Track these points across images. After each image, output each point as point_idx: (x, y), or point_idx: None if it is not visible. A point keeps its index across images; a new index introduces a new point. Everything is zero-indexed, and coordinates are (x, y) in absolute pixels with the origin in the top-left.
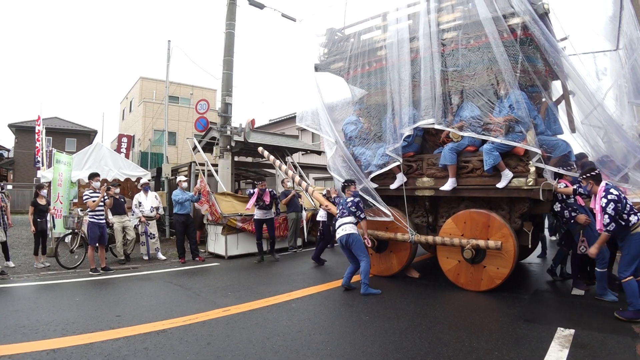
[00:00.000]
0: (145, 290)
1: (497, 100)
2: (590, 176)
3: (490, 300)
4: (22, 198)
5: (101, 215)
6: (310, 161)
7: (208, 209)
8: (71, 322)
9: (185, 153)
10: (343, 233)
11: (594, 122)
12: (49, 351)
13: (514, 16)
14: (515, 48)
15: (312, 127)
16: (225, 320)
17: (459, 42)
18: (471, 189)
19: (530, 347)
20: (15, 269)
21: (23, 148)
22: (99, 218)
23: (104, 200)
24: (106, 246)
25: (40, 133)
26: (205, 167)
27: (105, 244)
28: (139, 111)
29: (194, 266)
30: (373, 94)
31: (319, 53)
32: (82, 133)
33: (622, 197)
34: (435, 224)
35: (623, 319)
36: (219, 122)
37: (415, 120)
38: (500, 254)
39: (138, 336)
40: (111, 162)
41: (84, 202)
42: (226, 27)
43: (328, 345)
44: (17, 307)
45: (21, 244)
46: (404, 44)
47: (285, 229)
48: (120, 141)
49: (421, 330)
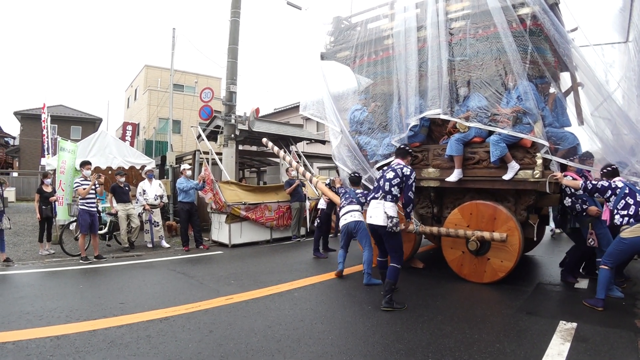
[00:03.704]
0: (149, 278)
1: (504, 91)
2: (607, 172)
3: (493, 292)
4: (27, 186)
5: (92, 202)
6: (314, 150)
7: (212, 197)
8: (75, 309)
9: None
10: (352, 219)
11: (603, 114)
12: (53, 338)
13: (523, 6)
14: (525, 38)
15: (316, 115)
16: (227, 308)
17: (467, 32)
18: (477, 181)
19: (531, 340)
20: (20, 255)
21: (28, 136)
22: (90, 205)
23: (94, 187)
24: (111, 234)
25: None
26: (210, 156)
27: (97, 232)
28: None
29: (198, 254)
30: (379, 83)
31: (325, 42)
32: (87, 121)
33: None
34: (440, 215)
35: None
36: (223, 110)
37: (422, 110)
38: (505, 247)
39: (141, 323)
40: (116, 150)
41: (74, 189)
42: (231, 15)
43: (330, 335)
44: (21, 293)
45: (26, 231)
46: (411, 32)
47: (289, 218)
48: (125, 129)
49: (423, 321)
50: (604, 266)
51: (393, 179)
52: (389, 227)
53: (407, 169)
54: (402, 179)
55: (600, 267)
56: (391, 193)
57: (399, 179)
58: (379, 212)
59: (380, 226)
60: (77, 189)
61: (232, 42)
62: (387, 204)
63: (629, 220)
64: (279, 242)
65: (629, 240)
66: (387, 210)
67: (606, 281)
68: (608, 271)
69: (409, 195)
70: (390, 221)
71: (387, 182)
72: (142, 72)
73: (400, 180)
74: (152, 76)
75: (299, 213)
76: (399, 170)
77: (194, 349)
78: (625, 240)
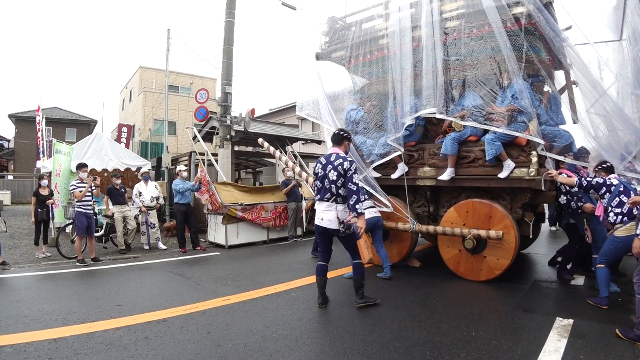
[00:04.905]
0: (146, 280)
1: (499, 90)
2: (602, 168)
3: (489, 290)
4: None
5: (88, 205)
6: (310, 150)
7: (208, 198)
8: (72, 311)
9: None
10: (370, 216)
11: (598, 111)
12: (50, 340)
13: (518, 5)
14: (520, 37)
15: (311, 116)
16: (225, 309)
17: (461, 31)
18: (473, 179)
19: (528, 337)
20: (16, 259)
21: (23, 138)
22: (87, 208)
23: (91, 190)
24: (107, 236)
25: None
26: (206, 157)
27: (93, 234)
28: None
29: (195, 255)
30: (374, 82)
31: (320, 42)
32: (82, 123)
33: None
34: (436, 214)
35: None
36: (218, 111)
37: (417, 110)
38: (501, 245)
39: (139, 325)
40: (111, 152)
41: (71, 192)
42: (226, 15)
43: (327, 334)
44: (18, 297)
45: (22, 234)
46: (406, 32)
47: (286, 218)
48: (120, 131)
49: (420, 319)
50: (601, 265)
51: (337, 181)
52: (342, 233)
53: (346, 163)
54: (344, 175)
55: (597, 266)
56: (340, 195)
57: (343, 178)
58: (331, 216)
59: (333, 230)
60: (73, 192)
61: (227, 43)
62: (339, 207)
63: (622, 219)
64: (276, 242)
65: (623, 239)
66: (339, 214)
67: (606, 279)
68: (605, 269)
69: (349, 187)
70: (343, 226)
71: (333, 184)
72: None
73: (343, 178)
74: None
75: (295, 213)
76: (340, 168)
77: (193, 350)
78: (618, 239)
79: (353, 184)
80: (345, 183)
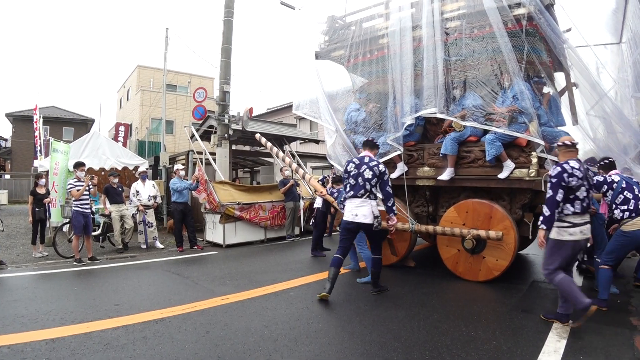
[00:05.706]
0: (144, 279)
1: (500, 91)
2: (601, 165)
3: (488, 290)
4: (19, 188)
5: (86, 204)
6: (308, 150)
7: (206, 197)
8: (70, 311)
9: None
10: None
11: (598, 113)
12: (48, 341)
13: (519, 6)
14: (520, 38)
15: (309, 115)
16: (223, 308)
17: (462, 32)
18: (472, 179)
19: (527, 338)
20: (13, 258)
21: (20, 137)
22: (84, 207)
23: (88, 189)
24: (104, 235)
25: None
26: (203, 156)
27: (90, 233)
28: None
29: (192, 255)
30: (374, 82)
31: (319, 41)
32: (80, 122)
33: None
34: (435, 214)
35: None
36: (216, 110)
37: (417, 110)
38: (500, 246)
39: (137, 325)
40: (109, 151)
41: (68, 191)
42: (224, 14)
43: (326, 334)
44: (15, 296)
45: (19, 233)
46: (407, 32)
47: (283, 217)
48: (118, 130)
49: (419, 319)
50: (605, 266)
51: (372, 179)
52: (375, 227)
53: (382, 166)
54: (380, 177)
55: (600, 267)
56: (372, 192)
57: (377, 178)
58: (366, 211)
59: (367, 224)
60: (70, 191)
61: (225, 42)
62: (372, 202)
63: (630, 215)
64: (274, 241)
65: (631, 234)
66: (374, 209)
67: (607, 281)
68: (609, 270)
69: (387, 190)
70: (377, 220)
71: (367, 182)
72: (134, 73)
73: (378, 179)
74: (145, 76)
75: (293, 213)
76: (375, 169)
77: (191, 349)
78: (627, 234)
79: (390, 187)
80: (383, 185)
